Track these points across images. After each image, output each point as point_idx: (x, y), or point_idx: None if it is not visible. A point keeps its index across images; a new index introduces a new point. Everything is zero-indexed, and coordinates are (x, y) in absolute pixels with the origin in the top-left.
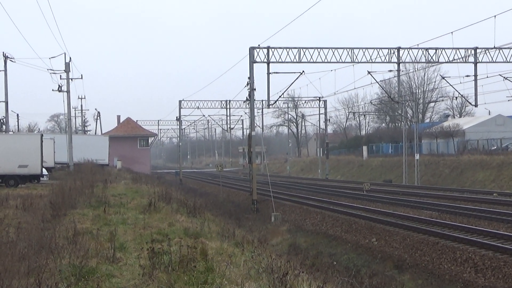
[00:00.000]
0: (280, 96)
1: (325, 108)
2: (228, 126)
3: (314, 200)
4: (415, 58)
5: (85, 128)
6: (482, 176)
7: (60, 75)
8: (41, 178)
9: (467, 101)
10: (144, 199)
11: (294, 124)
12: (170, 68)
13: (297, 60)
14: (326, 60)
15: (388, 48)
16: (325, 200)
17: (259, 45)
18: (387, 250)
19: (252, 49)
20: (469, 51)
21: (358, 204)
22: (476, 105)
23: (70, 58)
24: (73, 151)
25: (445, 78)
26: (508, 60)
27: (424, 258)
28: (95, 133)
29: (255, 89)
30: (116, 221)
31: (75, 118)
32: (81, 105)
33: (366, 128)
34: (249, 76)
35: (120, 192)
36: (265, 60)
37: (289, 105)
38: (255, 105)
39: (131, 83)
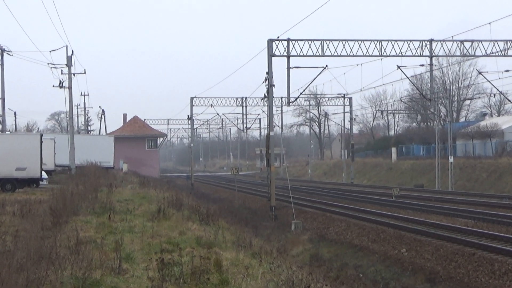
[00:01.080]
0: (301, 93)
1: (350, 106)
2: (244, 125)
3: (338, 206)
4: (449, 52)
5: (88, 127)
6: None
7: (62, 70)
8: (41, 182)
9: (506, 98)
10: (152, 205)
11: (317, 123)
12: (181, 63)
13: (320, 54)
14: (351, 54)
15: (420, 41)
16: (350, 207)
17: (278, 37)
18: (418, 262)
19: (270, 42)
20: (509, 44)
21: (386, 211)
22: None
23: (72, 51)
24: (75, 152)
25: (482, 73)
26: None
27: (459, 271)
28: (99, 133)
29: (273, 85)
30: (122, 229)
31: (78, 117)
32: (84, 103)
33: (395, 128)
34: (267, 71)
35: (126, 198)
36: (285, 54)
37: (311, 103)
38: (273, 103)
39: (138, 79)
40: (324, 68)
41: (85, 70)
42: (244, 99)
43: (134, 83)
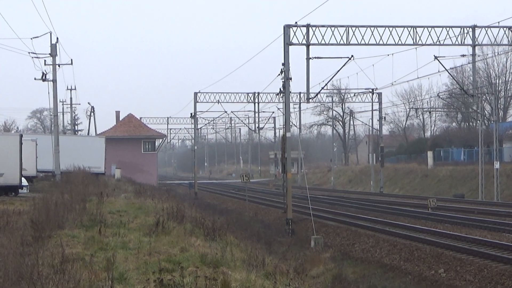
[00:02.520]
0: (322, 88)
1: (380, 102)
2: (257, 125)
3: (365, 220)
4: (495, 40)
5: (76, 127)
6: None
7: (45, 60)
8: (20, 190)
9: None
10: (149, 218)
11: (340, 123)
12: (182, 53)
13: (345, 42)
14: (381, 42)
15: (461, 27)
16: (379, 220)
17: (296, 22)
18: (458, 284)
19: (287, 28)
20: None
21: (421, 225)
22: None
23: (57, 38)
24: (60, 156)
25: None
26: None
27: None
28: (88, 134)
29: (290, 79)
30: (115, 245)
31: (63, 115)
32: (71, 98)
33: (432, 128)
34: (283, 62)
35: (120, 209)
36: (304, 42)
37: (334, 99)
38: (290, 99)
39: (134, 71)
40: (349, 59)
41: (71, 60)
42: (256, 94)
43: (128, 76)
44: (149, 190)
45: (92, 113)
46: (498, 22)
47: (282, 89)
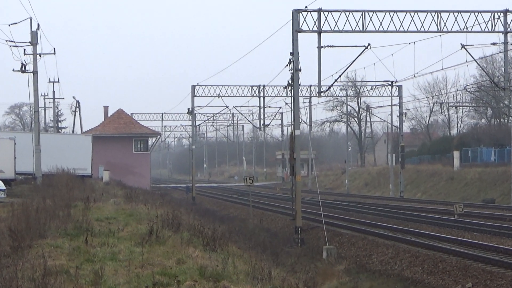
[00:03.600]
0: (336, 80)
1: (400, 96)
2: (262, 122)
3: (383, 228)
4: None
5: (59, 124)
6: None
7: (24, 49)
8: None
9: None
10: (142, 225)
11: (356, 119)
12: (178, 42)
13: (361, 29)
14: (401, 29)
15: (491, 12)
16: (399, 228)
17: (306, 7)
18: None
19: (296, 13)
20: None
21: (446, 234)
22: None
23: (38, 25)
24: (41, 156)
25: None
26: None
27: None
28: (73, 132)
29: (300, 70)
30: (103, 256)
31: (45, 110)
32: (54, 92)
33: (458, 125)
34: (291, 51)
35: (108, 215)
36: (315, 29)
37: (348, 93)
38: (300, 93)
39: (123, 62)
40: (366, 48)
41: (54, 49)
42: (262, 87)
43: (118, 67)
44: (141, 195)
45: (77, 109)
46: None
47: (290, 82)
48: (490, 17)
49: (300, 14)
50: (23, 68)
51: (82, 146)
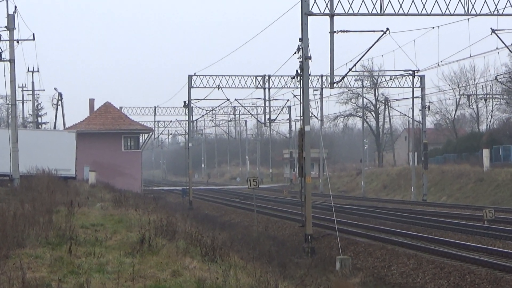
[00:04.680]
0: (350, 69)
1: (423, 88)
2: (267, 117)
3: (404, 235)
4: None
5: (39, 119)
6: None
7: (0, 35)
8: None
9: None
10: (132, 233)
11: (373, 113)
12: (173, 27)
13: (378, 12)
14: (424, 12)
15: None
16: (422, 236)
17: None
18: None
19: None
20: None
21: (475, 242)
22: None
23: (16, 8)
24: (19, 155)
25: None
26: None
27: None
28: (55, 127)
29: (310, 58)
30: (89, 268)
31: (23, 103)
32: (33, 83)
33: (488, 120)
34: (300, 36)
35: (95, 222)
36: (327, 11)
37: (364, 84)
38: (310, 83)
39: (111, 50)
40: (384, 33)
41: (33, 35)
42: (267, 78)
43: (105, 56)
44: (131, 199)
45: (59, 102)
46: None
47: (299, 71)
48: None
49: None
50: None
51: (65, 143)
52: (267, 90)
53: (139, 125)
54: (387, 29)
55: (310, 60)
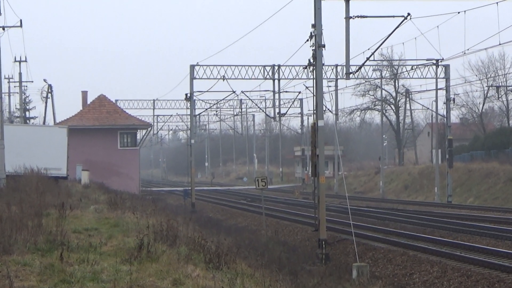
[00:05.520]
0: (368, 58)
1: (447, 79)
2: (277, 110)
3: (427, 241)
4: None
5: (27, 113)
6: None
7: None
8: None
9: None
10: (129, 238)
11: (393, 107)
12: (173, 13)
13: None
14: None
15: None
16: (447, 241)
17: None
18: None
19: None
20: None
21: (505, 248)
22: None
23: None
24: (5, 153)
25: None
26: None
27: None
28: (44, 123)
29: (324, 46)
30: (82, 276)
31: (9, 96)
32: (20, 74)
33: None
34: (313, 23)
35: (88, 226)
36: None
37: (383, 74)
38: (324, 74)
39: (106, 38)
40: (405, 19)
41: (21, 21)
42: (277, 68)
43: (99, 45)
44: (128, 200)
45: (49, 94)
46: None
47: (311, 61)
48: None
49: None
50: None
51: (55, 140)
52: (276, 81)
53: (137, 120)
54: (408, 14)
55: (323, 49)
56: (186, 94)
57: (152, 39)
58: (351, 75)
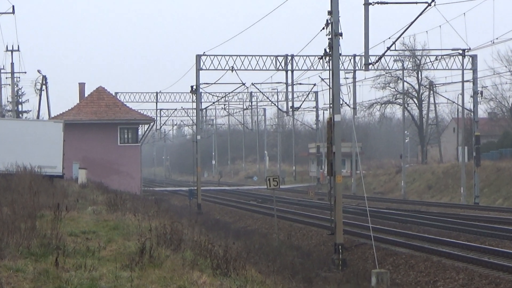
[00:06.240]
0: (388, 48)
1: (474, 70)
2: (290, 104)
3: (452, 245)
4: None
5: (20, 107)
6: None
7: None
8: None
9: None
10: (130, 242)
11: (415, 100)
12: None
13: None
14: None
15: None
16: (474, 246)
17: None
18: None
19: None
20: None
21: None
22: None
23: None
24: None
25: None
26: None
27: None
28: (38, 117)
29: (341, 35)
30: (79, 283)
31: (0, 89)
32: (12, 64)
33: None
34: (329, 9)
35: (86, 229)
36: None
37: (405, 65)
38: (341, 65)
39: (105, 26)
40: (429, 5)
41: (13, 7)
42: (290, 58)
43: (98, 34)
44: (129, 201)
45: (43, 86)
46: None
47: (327, 50)
48: None
49: None
50: None
51: (50, 136)
52: (289, 72)
53: (138, 114)
54: (433, 0)
55: (341, 37)
56: (192, 86)
57: (155, 27)
58: (370, 66)
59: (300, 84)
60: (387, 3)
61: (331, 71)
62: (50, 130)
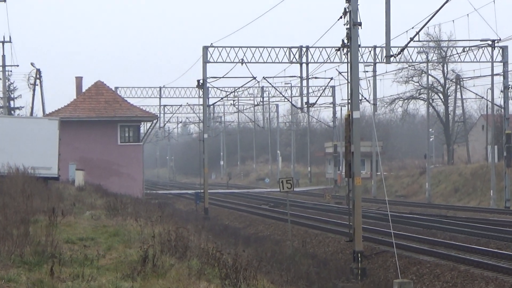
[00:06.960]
0: (411, 39)
1: (505, 63)
2: (305, 100)
3: (481, 253)
4: None
5: (12, 103)
6: None
7: None
8: None
9: None
10: (132, 250)
11: (441, 96)
12: None
13: None
14: None
15: None
16: (505, 254)
17: None
18: None
19: None
20: None
21: None
22: None
23: None
24: None
25: None
26: None
27: None
28: (32, 114)
29: (360, 24)
30: None
31: None
32: (4, 56)
33: None
34: None
35: (83, 235)
36: None
37: (430, 57)
38: (360, 58)
39: (104, 15)
40: None
41: None
42: (304, 50)
43: (96, 24)
44: (130, 205)
45: (37, 81)
46: None
47: (345, 41)
48: None
49: None
50: None
51: (44, 134)
52: (304, 65)
53: (140, 111)
54: None
55: (360, 27)
56: (198, 81)
57: (157, 15)
58: (392, 59)
59: (315, 78)
60: None
61: (349, 64)
62: (44, 128)
